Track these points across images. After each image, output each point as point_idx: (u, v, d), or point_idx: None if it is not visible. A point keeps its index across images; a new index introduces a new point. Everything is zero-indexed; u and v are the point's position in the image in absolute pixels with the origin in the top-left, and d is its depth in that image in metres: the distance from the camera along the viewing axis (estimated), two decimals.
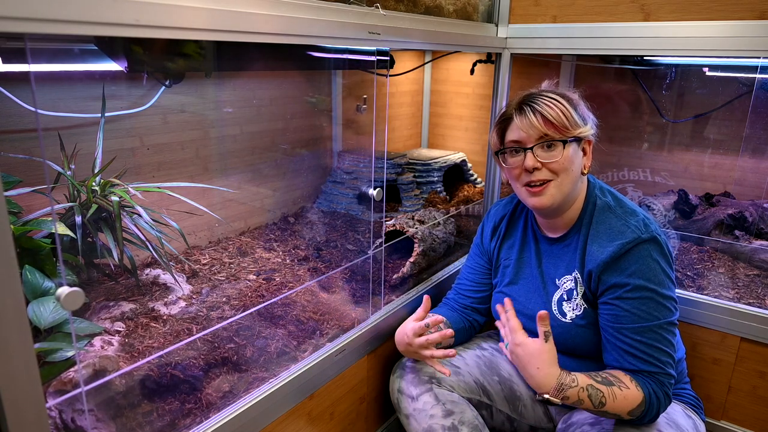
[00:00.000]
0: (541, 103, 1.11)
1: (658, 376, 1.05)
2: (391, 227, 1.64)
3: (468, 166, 2.32)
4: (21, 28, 0.57)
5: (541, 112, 1.09)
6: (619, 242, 1.09)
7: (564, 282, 1.19)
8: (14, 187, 1.05)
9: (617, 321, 1.08)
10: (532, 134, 1.10)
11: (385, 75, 1.83)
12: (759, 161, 1.84)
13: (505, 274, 1.32)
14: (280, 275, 1.46)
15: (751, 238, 1.72)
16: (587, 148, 1.16)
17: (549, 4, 1.61)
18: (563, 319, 1.18)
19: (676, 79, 1.93)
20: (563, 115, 1.09)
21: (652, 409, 1.04)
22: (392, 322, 1.43)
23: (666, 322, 1.06)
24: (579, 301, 1.17)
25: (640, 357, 1.06)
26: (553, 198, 1.12)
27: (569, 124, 1.09)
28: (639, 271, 1.06)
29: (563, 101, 1.11)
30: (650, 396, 1.04)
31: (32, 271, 0.98)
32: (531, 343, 1.09)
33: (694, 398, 1.24)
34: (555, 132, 1.09)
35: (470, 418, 1.18)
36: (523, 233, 1.30)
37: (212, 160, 1.61)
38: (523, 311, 1.24)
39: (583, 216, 1.18)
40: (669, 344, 1.07)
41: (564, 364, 1.20)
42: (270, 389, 1.08)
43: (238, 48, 1.31)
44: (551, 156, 1.10)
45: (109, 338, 1.03)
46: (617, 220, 1.13)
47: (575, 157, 1.12)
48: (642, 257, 1.07)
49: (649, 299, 1.06)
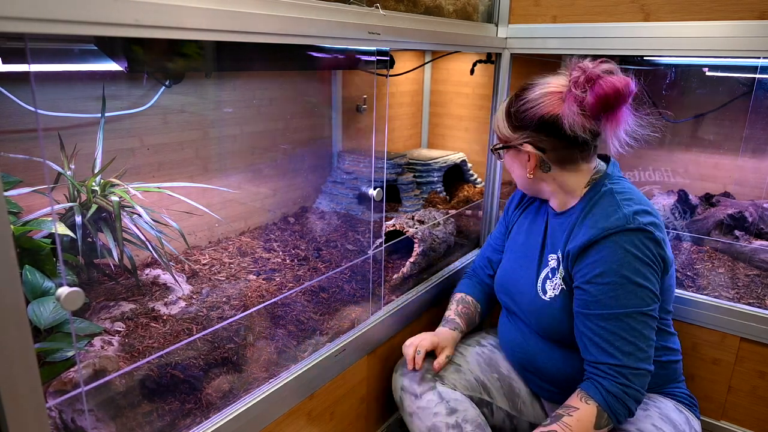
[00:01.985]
0: (499, 109, 1.24)
1: (615, 368, 1.02)
2: (391, 227, 1.64)
3: (468, 166, 2.32)
4: (21, 28, 0.57)
5: (494, 119, 1.25)
6: (602, 226, 1.07)
7: (551, 260, 1.21)
8: (14, 187, 1.05)
9: (586, 307, 1.08)
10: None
11: (385, 75, 1.83)
12: (759, 161, 1.84)
13: (510, 236, 1.40)
14: (280, 275, 1.46)
15: (751, 238, 1.72)
16: (531, 152, 1.16)
17: (549, 4, 1.61)
18: (544, 297, 1.19)
19: (676, 79, 1.93)
20: (497, 124, 1.23)
21: (617, 409, 1.02)
22: (392, 322, 1.44)
23: (636, 312, 1.03)
24: (558, 281, 1.18)
25: (601, 346, 1.04)
26: (519, 186, 1.29)
27: (501, 130, 1.22)
28: (612, 257, 1.05)
29: (503, 110, 1.22)
30: (605, 400, 1.02)
31: (32, 271, 0.98)
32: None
33: (688, 397, 1.24)
34: (498, 138, 1.24)
35: (473, 416, 1.18)
36: (539, 207, 1.34)
37: (212, 160, 1.61)
38: (517, 281, 1.28)
39: (586, 199, 1.17)
40: (637, 335, 1.03)
41: (546, 354, 1.22)
42: (270, 389, 1.08)
43: (238, 48, 1.31)
44: (501, 161, 1.30)
45: (109, 338, 1.03)
46: (611, 206, 1.11)
47: (514, 161, 1.23)
48: (620, 244, 1.05)
49: (618, 285, 1.04)
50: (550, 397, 1.28)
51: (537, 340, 1.24)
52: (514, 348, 1.30)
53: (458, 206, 2.07)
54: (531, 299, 1.22)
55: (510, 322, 1.32)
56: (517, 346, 1.29)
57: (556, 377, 1.22)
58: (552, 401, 1.29)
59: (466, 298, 1.43)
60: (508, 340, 1.32)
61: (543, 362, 1.23)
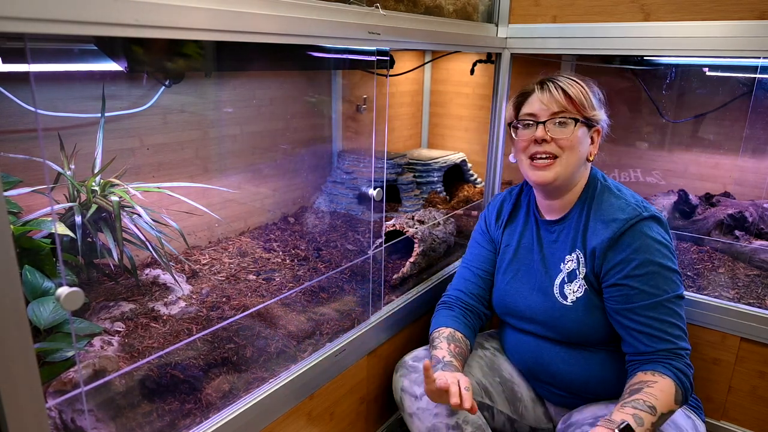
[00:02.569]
0: (563, 81, 1.17)
1: (674, 351, 1.06)
2: (391, 227, 1.64)
3: (468, 166, 2.32)
4: (21, 28, 0.57)
5: (564, 87, 1.15)
6: (622, 218, 1.13)
7: (567, 263, 1.21)
8: (14, 187, 1.05)
9: (628, 301, 1.10)
10: (550, 108, 1.15)
11: (385, 75, 1.83)
12: (759, 161, 1.84)
13: (504, 257, 1.33)
14: (280, 275, 1.46)
15: (751, 238, 1.72)
16: (595, 137, 1.20)
17: (549, 4, 1.60)
18: (564, 302, 1.19)
19: (676, 79, 1.93)
20: (582, 95, 1.15)
21: (687, 386, 1.04)
22: (392, 322, 1.44)
23: (675, 296, 1.09)
24: (581, 282, 1.18)
25: (654, 335, 1.07)
26: (556, 174, 1.16)
27: (587, 104, 1.15)
28: (644, 246, 1.10)
29: (584, 83, 1.18)
30: (676, 377, 1.03)
31: (32, 271, 0.98)
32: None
33: (694, 399, 1.24)
34: (573, 108, 1.15)
35: (474, 418, 1.18)
36: (525, 219, 1.32)
37: (212, 160, 1.61)
38: (524, 297, 1.26)
39: (584, 198, 1.21)
40: (679, 317, 1.09)
41: (562, 358, 1.21)
42: (270, 389, 1.08)
43: (238, 48, 1.31)
44: (562, 132, 1.15)
45: (108, 338, 1.03)
46: (617, 200, 1.17)
47: (584, 139, 1.17)
48: (644, 233, 1.11)
49: (656, 273, 1.09)
50: (558, 401, 1.28)
51: (551, 347, 1.23)
52: (526, 358, 1.29)
53: (458, 206, 2.07)
54: (549, 308, 1.21)
55: (519, 335, 1.30)
56: (529, 356, 1.27)
57: (570, 382, 1.22)
58: (559, 405, 1.29)
59: (455, 335, 1.25)
60: (519, 352, 1.31)
61: (559, 369, 1.22)
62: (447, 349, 1.20)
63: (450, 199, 2.16)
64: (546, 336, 1.24)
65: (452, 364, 1.15)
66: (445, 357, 1.17)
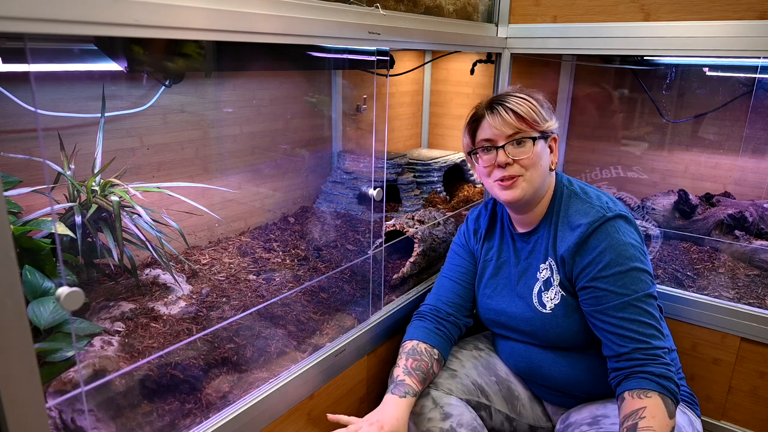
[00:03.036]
0: (511, 101, 1.17)
1: (648, 352, 1.04)
2: (391, 227, 1.64)
3: (468, 166, 2.32)
4: (21, 28, 0.57)
5: (513, 108, 1.15)
6: (585, 222, 1.13)
7: (542, 271, 1.21)
8: (14, 187, 1.05)
9: (598, 303, 1.09)
10: (504, 131, 1.15)
11: (385, 75, 1.83)
12: (759, 161, 1.84)
13: (485, 273, 1.32)
14: (280, 275, 1.46)
15: (751, 238, 1.72)
16: (553, 145, 1.22)
17: (549, 4, 1.61)
18: (543, 311, 1.20)
19: (676, 79, 1.93)
20: (533, 111, 1.15)
21: (673, 389, 1.02)
22: (392, 322, 1.44)
23: (644, 295, 1.07)
24: (557, 289, 1.18)
25: (626, 336, 1.05)
26: (523, 191, 1.16)
27: (539, 119, 1.16)
28: (609, 248, 1.09)
29: (531, 99, 1.18)
30: (660, 385, 1.01)
31: (32, 271, 0.98)
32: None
33: (689, 395, 1.24)
34: (526, 127, 1.15)
35: (469, 420, 1.18)
36: (501, 234, 1.33)
37: (212, 160, 1.61)
38: (506, 310, 1.27)
39: (552, 207, 1.22)
40: (651, 316, 1.07)
41: (552, 362, 1.21)
42: (270, 389, 1.08)
43: (238, 48, 1.31)
44: (522, 152, 1.15)
45: (108, 338, 1.03)
46: (582, 204, 1.18)
47: (543, 152, 1.18)
48: (609, 233, 1.10)
49: (623, 274, 1.07)
50: (555, 400, 1.28)
51: (541, 352, 1.24)
52: (519, 364, 1.29)
53: (458, 206, 2.07)
54: (530, 318, 1.22)
55: (509, 342, 1.31)
56: (520, 360, 1.28)
57: (564, 383, 1.22)
58: (556, 404, 1.29)
59: (418, 347, 1.23)
60: (511, 356, 1.32)
61: (550, 371, 1.23)
62: (403, 366, 1.20)
63: (450, 199, 2.16)
64: (533, 343, 1.24)
65: (403, 384, 1.15)
66: (398, 376, 1.18)
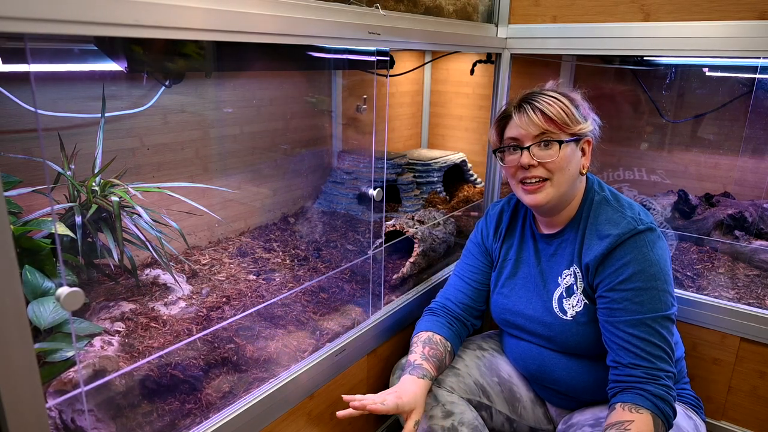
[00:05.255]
0: (541, 100, 1.11)
1: (651, 373, 1.02)
2: (391, 227, 1.64)
3: (468, 166, 2.32)
4: (21, 28, 0.57)
5: (542, 109, 1.10)
6: (615, 233, 1.09)
7: (565, 277, 1.19)
8: (14, 187, 1.05)
9: (612, 315, 1.07)
10: (530, 131, 1.11)
11: (385, 75, 1.83)
12: (759, 161, 1.84)
13: (503, 272, 1.30)
14: (280, 275, 1.46)
15: (751, 238, 1.72)
16: (586, 148, 1.16)
17: (549, 5, 1.61)
18: (564, 317, 1.17)
19: (676, 79, 1.93)
20: (564, 112, 1.09)
21: (668, 413, 1.01)
22: (392, 322, 1.44)
23: (661, 316, 1.04)
24: (580, 297, 1.16)
25: (633, 352, 1.04)
26: (548, 196, 1.12)
27: (570, 121, 1.10)
28: (634, 261, 1.06)
29: (564, 99, 1.12)
30: (655, 405, 1.00)
31: (32, 271, 0.98)
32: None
33: (694, 398, 1.24)
34: (555, 129, 1.10)
35: (470, 419, 1.18)
36: (522, 232, 1.30)
37: (212, 160, 1.61)
38: (524, 312, 1.24)
39: (581, 212, 1.18)
40: (662, 339, 1.04)
41: (565, 366, 1.20)
42: (270, 389, 1.08)
43: (238, 48, 1.31)
44: (548, 155, 1.10)
45: (108, 338, 1.03)
46: (614, 212, 1.13)
47: (572, 156, 1.12)
48: (637, 248, 1.07)
49: (643, 291, 1.05)
50: (560, 403, 1.28)
51: (554, 356, 1.22)
52: (528, 365, 1.28)
53: (458, 206, 2.07)
54: (550, 323, 1.19)
55: (521, 342, 1.29)
56: (532, 362, 1.26)
57: (573, 388, 1.21)
58: (560, 407, 1.29)
59: (433, 338, 1.23)
60: (521, 358, 1.30)
61: (561, 375, 1.21)
62: (420, 352, 1.20)
63: (450, 199, 2.16)
64: (548, 347, 1.23)
65: (422, 366, 1.15)
66: (415, 360, 1.18)
